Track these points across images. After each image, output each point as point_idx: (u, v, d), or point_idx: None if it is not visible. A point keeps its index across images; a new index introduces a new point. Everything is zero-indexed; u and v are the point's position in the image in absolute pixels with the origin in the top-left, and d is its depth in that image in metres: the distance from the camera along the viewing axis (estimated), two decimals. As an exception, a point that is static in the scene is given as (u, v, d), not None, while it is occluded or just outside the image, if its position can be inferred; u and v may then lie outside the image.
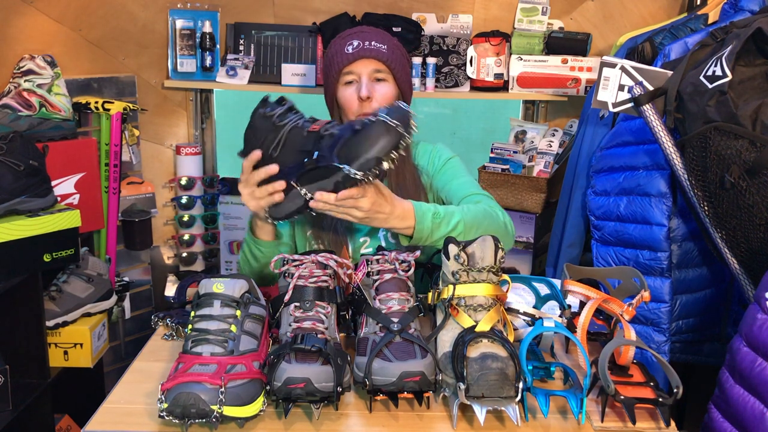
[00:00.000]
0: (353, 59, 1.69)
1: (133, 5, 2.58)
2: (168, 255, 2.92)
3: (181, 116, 2.88)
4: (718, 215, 1.53)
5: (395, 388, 1.11)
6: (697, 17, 2.05)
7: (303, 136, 1.35)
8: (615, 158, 1.92)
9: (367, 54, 1.69)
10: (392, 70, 1.72)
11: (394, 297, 1.23)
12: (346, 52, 1.70)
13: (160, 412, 1.05)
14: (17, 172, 1.79)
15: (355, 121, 1.32)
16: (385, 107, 1.33)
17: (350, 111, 1.71)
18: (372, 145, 1.25)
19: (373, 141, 1.26)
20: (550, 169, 2.56)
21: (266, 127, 1.40)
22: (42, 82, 2.16)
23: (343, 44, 1.72)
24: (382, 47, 1.71)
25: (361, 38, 1.72)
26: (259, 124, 1.41)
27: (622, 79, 1.68)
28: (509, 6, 2.75)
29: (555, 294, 1.46)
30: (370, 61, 1.70)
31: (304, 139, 1.35)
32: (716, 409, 1.29)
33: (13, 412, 1.76)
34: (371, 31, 1.76)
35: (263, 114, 1.41)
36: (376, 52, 1.70)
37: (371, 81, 1.71)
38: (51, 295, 2.04)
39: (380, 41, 1.72)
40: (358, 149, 1.26)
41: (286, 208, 1.42)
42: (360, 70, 1.70)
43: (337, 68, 1.71)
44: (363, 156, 1.26)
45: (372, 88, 1.70)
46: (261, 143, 1.40)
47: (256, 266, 1.63)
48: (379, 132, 1.26)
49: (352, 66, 1.70)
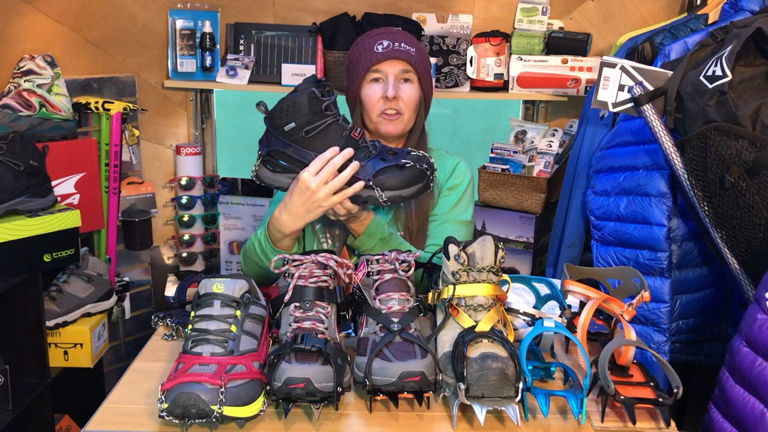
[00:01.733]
0: (383, 59, 1.71)
1: (133, 5, 2.58)
2: (168, 255, 2.92)
3: (181, 116, 2.88)
4: (718, 215, 1.53)
5: (395, 388, 1.11)
6: (697, 17, 2.05)
7: (341, 136, 1.44)
8: (615, 158, 1.92)
9: (396, 55, 1.71)
10: (418, 72, 1.74)
11: (394, 297, 1.23)
12: (375, 51, 1.72)
13: (160, 412, 1.05)
14: (17, 172, 1.79)
15: (399, 155, 1.46)
16: (421, 155, 1.47)
17: (373, 109, 1.73)
18: (409, 185, 1.44)
19: (411, 183, 1.44)
20: (550, 169, 2.56)
21: (311, 108, 1.43)
22: (42, 82, 2.16)
23: (372, 43, 1.73)
24: (411, 49, 1.73)
25: (391, 39, 1.74)
26: (305, 101, 1.44)
27: (622, 79, 1.68)
28: (509, 6, 2.75)
29: (555, 294, 1.46)
30: (399, 62, 1.72)
31: (340, 140, 1.44)
32: (716, 409, 1.29)
33: (13, 412, 1.76)
34: (399, 33, 1.78)
35: (314, 95, 1.44)
36: (405, 54, 1.72)
37: (398, 81, 1.73)
38: (51, 295, 2.04)
39: (409, 44, 1.74)
40: (396, 183, 1.44)
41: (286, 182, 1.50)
42: (388, 69, 1.72)
43: (365, 66, 1.72)
44: (398, 191, 1.44)
45: (398, 88, 1.72)
46: (297, 119, 1.44)
47: (265, 267, 1.60)
48: (418, 178, 1.45)
49: (380, 65, 1.72)
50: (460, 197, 1.79)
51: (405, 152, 1.47)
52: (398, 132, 1.75)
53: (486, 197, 2.60)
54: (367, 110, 1.74)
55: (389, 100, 1.71)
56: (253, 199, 2.80)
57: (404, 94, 1.72)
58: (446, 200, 1.79)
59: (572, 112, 2.82)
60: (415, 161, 1.45)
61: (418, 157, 1.47)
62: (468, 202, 1.82)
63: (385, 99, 1.71)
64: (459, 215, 1.78)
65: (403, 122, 1.74)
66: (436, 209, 1.79)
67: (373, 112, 1.73)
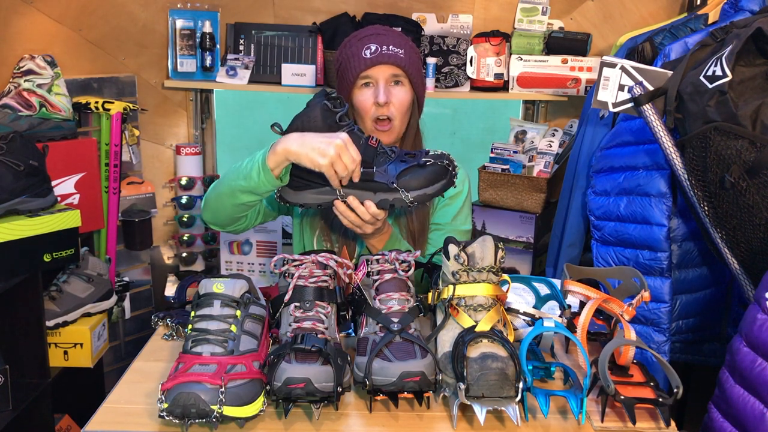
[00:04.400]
0: (371, 65, 1.68)
1: (133, 5, 2.58)
2: (168, 255, 2.92)
3: (181, 116, 2.88)
4: (718, 215, 1.53)
5: (395, 388, 1.11)
6: (697, 17, 2.05)
7: (359, 144, 1.44)
8: (615, 158, 1.92)
9: (385, 60, 1.68)
10: (408, 75, 1.72)
11: (394, 297, 1.23)
12: (363, 57, 1.69)
13: (160, 412, 1.05)
14: (17, 172, 1.79)
15: (418, 155, 1.46)
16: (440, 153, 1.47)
17: (366, 114, 1.71)
18: (433, 183, 1.44)
19: (435, 180, 1.44)
20: (550, 169, 2.56)
21: (325, 121, 1.44)
22: (42, 82, 2.16)
23: (360, 47, 1.70)
24: (399, 52, 1.70)
25: (378, 42, 1.70)
26: (318, 115, 1.44)
27: (622, 79, 1.68)
28: (509, 6, 2.75)
29: (555, 294, 1.46)
30: (388, 66, 1.69)
31: (359, 148, 1.43)
32: (716, 409, 1.29)
33: (13, 412, 1.76)
34: (387, 33, 1.74)
35: (327, 108, 1.44)
36: (394, 58, 1.69)
37: (388, 85, 1.71)
38: (51, 295, 2.04)
39: (397, 45, 1.71)
40: (420, 182, 1.43)
41: (311, 198, 1.49)
42: (377, 74, 1.70)
43: (354, 73, 1.70)
44: (423, 189, 1.43)
45: (389, 93, 1.70)
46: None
47: (235, 191, 1.54)
48: (441, 175, 1.44)
49: (369, 71, 1.69)
50: (461, 207, 1.79)
51: (424, 152, 1.47)
52: (390, 141, 1.74)
53: (486, 197, 2.60)
54: (361, 116, 1.73)
55: (381, 106, 1.69)
56: (253, 199, 2.80)
57: (395, 98, 1.70)
58: (447, 210, 1.79)
59: (572, 112, 2.82)
60: (435, 159, 1.45)
61: (438, 155, 1.47)
62: (468, 211, 1.83)
63: (377, 105, 1.69)
64: (460, 225, 1.79)
65: (394, 131, 1.73)
66: (437, 218, 1.79)
67: (366, 119, 1.72)
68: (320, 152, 1.39)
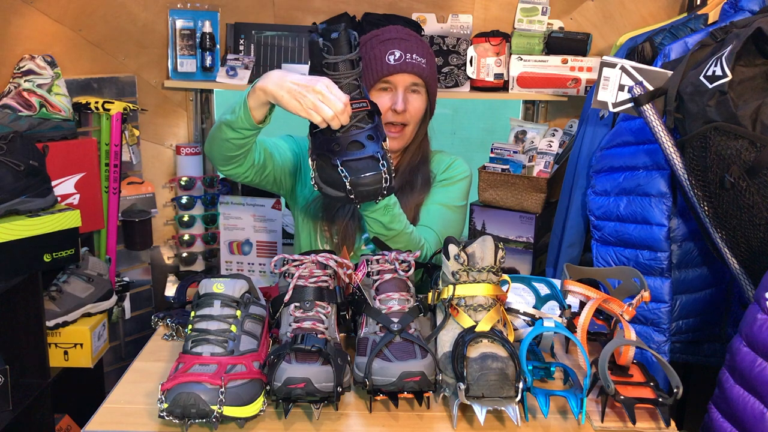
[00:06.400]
0: (394, 71, 1.68)
1: (133, 5, 2.58)
2: (168, 255, 2.92)
3: (181, 116, 2.88)
4: (718, 215, 1.53)
5: (395, 388, 1.11)
6: (697, 17, 2.05)
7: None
8: (615, 158, 1.92)
9: (407, 69, 1.68)
10: (427, 84, 1.73)
11: (394, 297, 1.23)
12: (387, 62, 1.68)
13: (160, 412, 1.05)
14: (17, 172, 1.79)
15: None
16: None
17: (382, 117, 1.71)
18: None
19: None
20: (550, 169, 2.56)
21: (314, 61, 1.39)
22: (42, 82, 2.16)
23: (384, 51, 1.70)
24: (422, 61, 1.70)
25: (403, 48, 1.69)
26: (312, 52, 1.40)
27: (622, 79, 1.68)
28: (509, 6, 2.75)
29: (555, 294, 1.46)
30: (410, 75, 1.70)
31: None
32: (716, 409, 1.29)
33: (13, 412, 1.76)
34: (410, 40, 1.73)
35: (318, 46, 1.37)
36: (417, 67, 1.69)
37: (406, 93, 1.71)
38: (51, 295, 2.04)
39: (420, 54, 1.71)
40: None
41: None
42: (398, 81, 1.70)
43: (375, 76, 1.70)
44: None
45: (407, 100, 1.71)
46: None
47: (226, 127, 1.51)
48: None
49: (391, 77, 1.69)
50: (450, 184, 1.81)
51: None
52: (400, 147, 1.77)
53: (486, 197, 2.60)
54: None
55: (397, 113, 1.70)
56: (253, 199, 2.79)
57: (412, 106, 1.72)
58: (436, 189, 1.81)
59: (572, 112, 2.82)
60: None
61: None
62: (459, 192, 1.82)
63: (394, 111, 1.70)
64: (447, 200, 1.79)
65: (405, 136, 1.75)
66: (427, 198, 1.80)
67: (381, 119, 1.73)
68: (296, 95, 1.33)
